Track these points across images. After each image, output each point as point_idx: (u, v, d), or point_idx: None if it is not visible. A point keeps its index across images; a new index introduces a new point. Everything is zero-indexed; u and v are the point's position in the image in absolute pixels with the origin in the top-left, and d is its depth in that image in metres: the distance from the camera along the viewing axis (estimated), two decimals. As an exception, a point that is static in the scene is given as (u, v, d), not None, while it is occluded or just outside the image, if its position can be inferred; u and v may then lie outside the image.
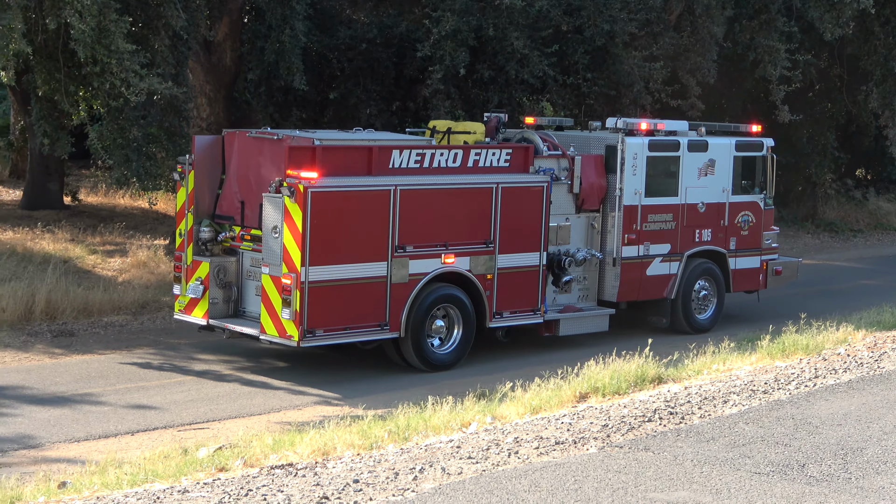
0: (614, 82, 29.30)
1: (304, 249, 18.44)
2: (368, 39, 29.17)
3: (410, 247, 19.60)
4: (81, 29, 20.45)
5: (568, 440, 13.60)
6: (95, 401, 18.30)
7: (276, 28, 25.69)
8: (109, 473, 13.53)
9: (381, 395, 18.33)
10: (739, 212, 24.11)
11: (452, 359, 20.43)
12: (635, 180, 22.46)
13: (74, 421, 17.44)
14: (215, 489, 11.86)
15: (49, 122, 24.63)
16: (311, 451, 13.67)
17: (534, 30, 27.48)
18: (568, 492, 11.66)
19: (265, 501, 11.28)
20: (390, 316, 19.51)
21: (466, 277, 20.36)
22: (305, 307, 18.53)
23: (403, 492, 11.61)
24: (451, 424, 14.95)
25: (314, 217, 18.43)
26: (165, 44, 23.55)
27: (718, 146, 23.75)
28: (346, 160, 19.29)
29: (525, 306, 21.18)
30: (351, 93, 29.34)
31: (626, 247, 22.54)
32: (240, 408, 18.11)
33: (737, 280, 24.36)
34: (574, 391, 16.50)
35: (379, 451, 13.71)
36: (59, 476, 13.86)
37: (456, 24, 26.76)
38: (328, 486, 11.82)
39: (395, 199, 19.37)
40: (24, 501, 12.09)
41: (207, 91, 28.00)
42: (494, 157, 20.72)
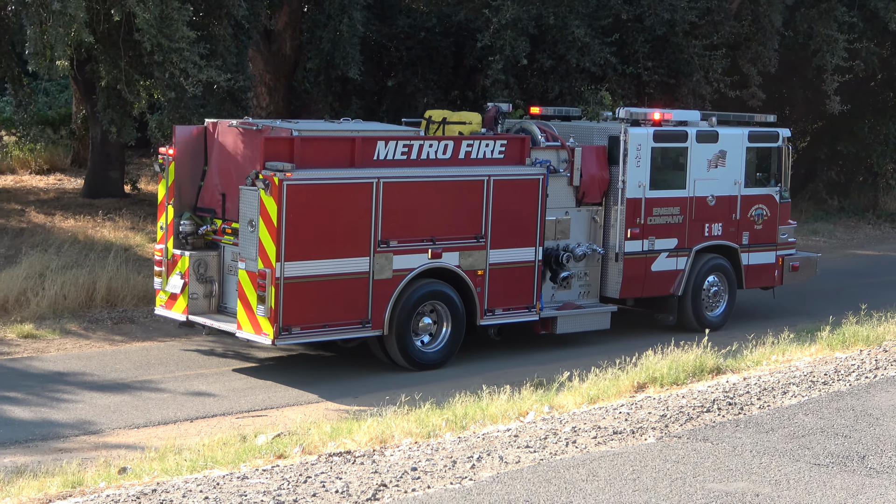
0: (674, 71, 29.13)
1: (279, 244, 17.89)
2: (427, 28, 29.16)
3: (395, 241, 18.98)
4: (145, 17, 20.56)
5: (626, 430, 13.55)
6: (155, 388, 18.44)
7: (335, 17, 25.74)
8: (169, 459, 13.63)
9: (439, 384, 18.30)
10: (753, 205, 23.26)
11: (440, 357, 19.77)
12: (639, 172, 21.67)
13: (134, 407, 17.59)
14: (274, 476, 11.91)
15: (115, 111, 24.81)
16: (369, 439, 13.69)
17: (594, 18, 27.37)
18: (626, 481, 11.63)
19: (324, 488, 11.31)
20: (373, 313, 18.87)
21: (455, 273, 19.72)
22: (281, 304, 17.94)
23: (461, 480, 11.61)
24: (508, 413, 14.91)
25: (290, 211, 17.89)
26: (226, 33, 23.63)
27: (730, 137, 22.90)
28: (327, 152, 18.67)
29: (519, 303, 20.48)
30: (409, 82, 29.35)
31: (630, 241, 21.75)
32: (297, 396, 18.19)
33: (750, 276, 23.52)
34: (632, 381, 16.40)
35: (436, 439, 13.71)
36: (120, 462, 13.99)
37: (516, 14, 26.68)
38: (386, 473, 11.84)
39: (378, 191, 18.71)
40: (85, 486, 12.18)
41: (267, 80, 28.12)
42: (488, 148, 20.01)
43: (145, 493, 11.43)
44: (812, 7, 32.96)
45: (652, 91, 29.21)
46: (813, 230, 36.62)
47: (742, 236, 23.15)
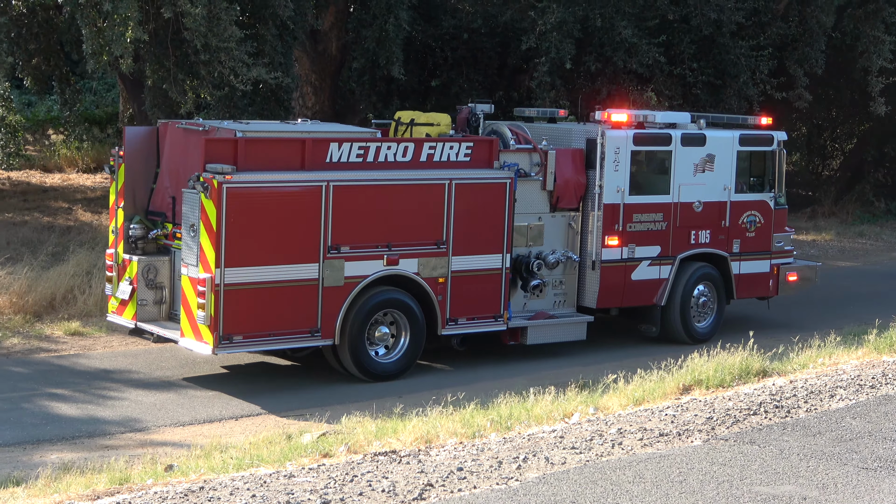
0: (720, 72, 28.95)
1: (218, 249, 17.10)
2: (472, 29, 29.15)
3: (346, 247, 18.15)
4: (194, 15, 20.65)
5: (672, 432, 13.51)
6: (200, 386, 18.51)
7: (381, 17, 25.77)
8: (215, 457, 13.69)
9: (483, 385, 18.27)
10: (744, 212, 22.12)
11: (397, 368, 18.97)
12: (617, 176, 20.58)
13: (179, 405, 17.67)
14: (321, 474, 11.94)
15: (162, 110, 24.92)
16: (414, 439, 13.69)
17: (640, 19, 27.27)
18: (672, 483, 11.60)
19: (370, 487, 11.33)
20: (322, 322, 18.10)
21: (414, 281, 18.89)
22: (221, 311, 17.18)
23: (507, 480, 11.61)
24: (553, 415, 14.89)
25: (231, 215, 17.11)
26: (272, 33, 23.70)
27: (718, 140, 21.77)
28: (275, 154, 17.88)
29: (485, 312, 19.58)
30: (453, 82, 29.36)
31: (607, 249, 20.73)
32: (343, 395, 18.21)
33: (741, 286, 22.42)
34: (677, 383, 16.34)
35: (481, 439, 13.70)
36: (166, 459, 14.05)
37: (562, 16, 26.62)
38: (432, 473, 11.85)
39: (328, 195, 17.86)
40: (133, 483, 12.24)
41: (313, 80, 28.18)
42: (452, 150, 19.08)
43: (193, 490, 11.48)
44: (859, 7, 32.73)
45: (698, 92, 28.97)
46: (859, 232, 36.42)
47: (732, 244, 22.08)
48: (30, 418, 17.07)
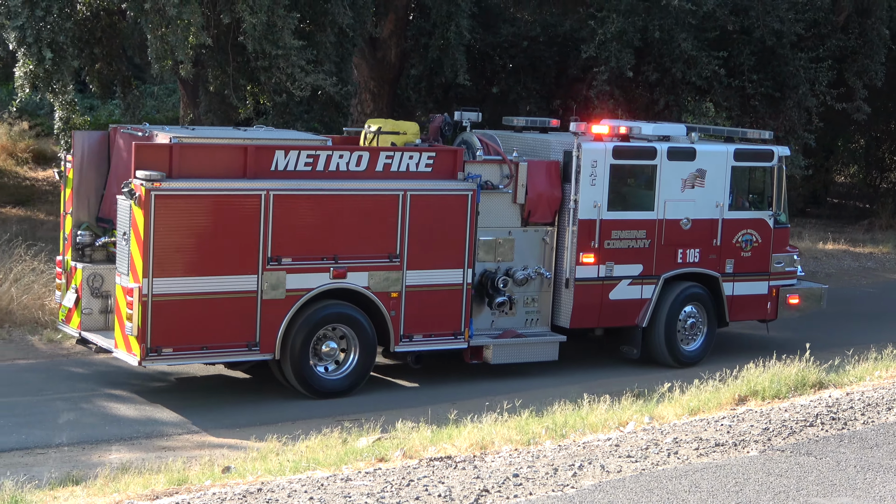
0: (779, 84, 28.74)
1: (146, 259, 16.46)
2: (531, 38, 29.19)
3: (288, 259, 17.39)
4: (252, 23, 20.78)
5: (728, 442, 13.45)
6: (257, 389, 18.59)
7: (441, 25, 25.81)
8: (271, 460, 13.75)
9: (537, 392, 18.27)
10: (739, 230, 20.81)
11: (344, 385, 18.17)
12: (594, 191, 19.44)
13: (235, 407, 17.77)
14: (377, 478, 11.97)
15: (217, 115, 25.07)
16: (469, 445, 13.70)
17: (700, 31, 27.15)
18: (729, 493, 11.55)
19: (426, 492, 11.34)
20: (261, 335, 17.37)
21: (364, 295, 18.05)
22: (149, 323, 16.54)
23: (563, 487, 11.60)
24: (608, 423, 14.86)
25: (160, 223, 16.45)
26: (331, 40, 23.80)
27: (710, 154, 20.46)
28: (215, 161, 17.14)
29: (444, 329, 18.64)
30: (511, 89, 29.39)
31: (582, 266, 19.60)
32: (397, 401, 18.28)
33: (735, 308, 21.10)
34: (733, 394, 16.26)
35: (536, 447, 13.69)
36: (223, 461, 14.14)
37: (621, 26, 26.55)
38: (488, 479, 11.85)
39: (268, 205, 17.12)
40: (191, 484, 12.32)
41: (371, 87, 28.27)
42: (412, 160, 18.21)
43: (251, 491, 11.54)
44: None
45: (756, 103, 28.78)
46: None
47: (725, 264, 20.79)
48: (88, 418, 17.22)
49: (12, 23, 20.31)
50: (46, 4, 20.19)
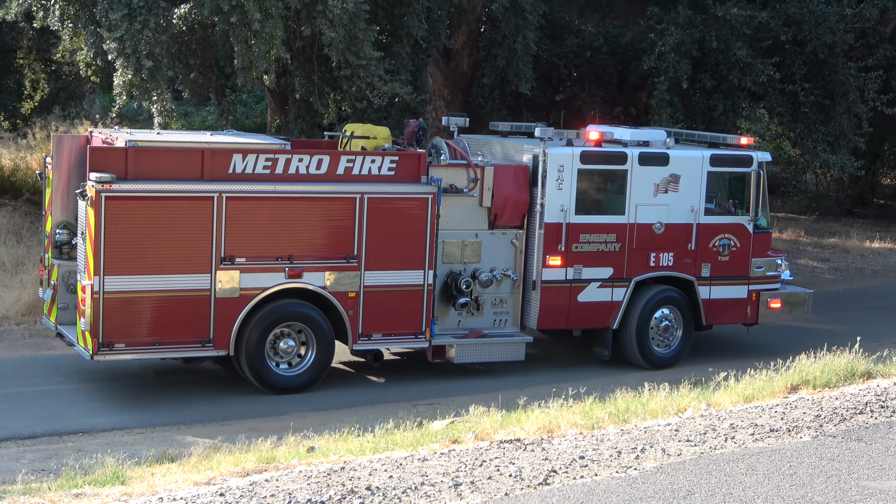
0: (829, 91, 28.33)
1: (97, 257, 16.15)
2: (594, 48, 29.00)
3: (242, 259, 16.90)
4: (331, 36, 20.81)
5: (781, 428, 13.30)
6: (339, 374, 18.63)
7: (510, 37, 25.72)
8: (352, 441, 13.77)
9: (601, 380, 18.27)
10: (716, 235, 19.79)
11: (301, 382, 17.62)
12: (561, 195, 18.67)
13: (317, 391, 17.82)
14: (452, 458, 11.95)
15: (305, 121, 25.14)
16: (537, 429, 13.63)
17: (754, 40, 26.85)
18: (783, 476, 11.41)
19: (498, 472, 11.30)
20: (215, 332, 16.92)
21: (321, 295, 17.52)
22: (101, 319, 16.22)
23: (626, 469, 11.52)
24: (667, 409, 14.75)
25: (111, 223, 16.15)
26: (407, 51, 23.79)
27: (684, 160, 19.51)
28: (171, 164, 16.69)
29: (404, 328, 18.01)
30: (576, 97, 29.24)
31: (549, 269, 18.79)
32: (471, 387, 18.29)
33: (712, 311, 20.07)
34: (785, 383, 16.04)
35: (600, 430, 13.61)
36: (307, 442, 14.15)
37: (680, 37, 26.33)
38: (556, 460, 11.80)
39: (220, 206, 16.66)
40: (279, 462, 12.35)
41: (445, 95, 28.24)
42: (374, 164, 17.64)
43: (334, 469, 11.56)
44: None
45: (807, 110, 28.37)
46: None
47: (701, 268, 19.76)
48: (182, 400, 17.36)
49: (112, 35, 20.46)
50: (144, 18, 20.31)
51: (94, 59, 22.90)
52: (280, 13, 20.31)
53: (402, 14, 23.54)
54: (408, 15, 23.42)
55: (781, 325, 21.80)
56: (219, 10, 20.23)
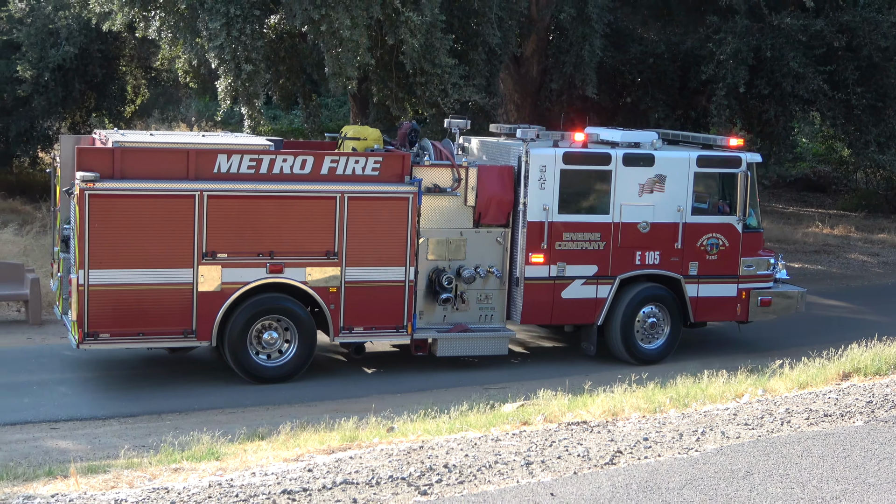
0: (881, 95, 27.85)
1: (83, 252, 16.04)
2: (657, 54, 28.78)
3: (223, 254, 16.60)
4: (412, 44, 20.82)
5: (835, 413, 13.10)
6: (414, 359, 18.61)
7: (577, 44, 25.62)
8: (429, 422, 13.74)
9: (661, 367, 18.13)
10: (703, 234, 18.91)
11: (283, 372, 17.24)
12: (544, 195, 18.07)
13: (395, 375, 17.85)
14: (523, 439, 11.89)
15: (383, 124, 25.19)
16: (602, 412, 13.55)
17: (808, 48, 26.50)
18: (837, 458, 11.24)
19: (567, 452, 11.24)
20: (198, 324, 16.63)
21: (302, 289, 17.10)
22: (86, 310, 16.11)
23: (688, 451, 11.40)
24: (725, 395, 14.58)
25: (95, 220, 16.02)
26: (481, 58, 23.75)
27: (670, 161, 18.68)
28: (157, 164, 16.45)
29: (386, 323, 17.50)
30: (640, 101, 29.01)
31: (532, 266, 18.17)
32: (539, 373, 18.21)
33: (700, 309, 19.15)
34: (837, 370, 15.81)
35: (662, 414, 13.49)
36: (387, 422, 14.16)
37: (737, 46, 26.07)
38: (621, 441, 11.71)
39: (202, 204, 16.40)
40: (361, 441, 12.36)
41: (515, 99, 28.15)
42: (358, 165, 17.16)
43: (413, 448, 11.55)
44: None
45: (859, 112, 27.91)
46: None
47: (688, 266, 18.88)
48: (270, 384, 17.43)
49: (212, 43, 20.60)
50: (241, 26, 20.46)
51: (191, 67, 23.08)
52: (365, 22, 20.34)
53: (477, 24, 23.50)
54: (481, 25, 23.39)
55: (830, 316, 21.50)
56: (310, 20, 20.30)
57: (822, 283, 26.71)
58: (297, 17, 20.40)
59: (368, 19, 20.51)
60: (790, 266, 27.31)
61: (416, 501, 9.80)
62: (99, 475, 11.17)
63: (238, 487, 10.18)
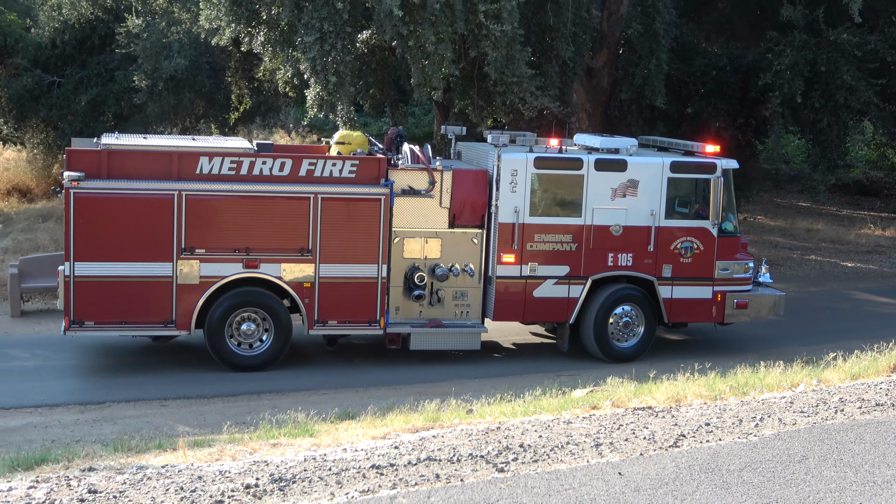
0: (930, 105, 27.28)
1: (68, 246, 16.08)
2: (719, 67, 28.43)
3: (201, 250, 16.43)
4: (494, 56, 20.78)
5: (886, 403, 12.82)
6: (494, 347, 18.58)
7: (645, 58, 25.40)
8: (505, 405, 13.71)
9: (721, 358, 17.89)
10: (678, 238, 18.07)
11: (259, 361, 17.03)
12: (515, 197, 17.44)
13: (474, 363, 17.81)
14: (592, 422, 11.80)
15: (465, 130, 25.17)
16: (666, 398, 13.40)
17: (861, 62, 26.01)
18: (889, 445, 11.00)
19: (634, 435, 11.13)
20: (177, 314, 16.46)
21: (278, 284, 16.86)
22: (72, 299, 16.09)
23: (747, 436, 11.24)
24: (782, 384, 14.35)
25: (80, 217, 15.97)
26: (556, 70, 23.62)
27: (643, 166, 17.88)
28: (144, 165, 16.34)
29: (359, 317, 17.13)
30: (703, 110, 28.68)
31: (503, 265, 17.55)
32: (604, 362, 18.04)
33: (675, 310, 18.29)
34: (888, 363, 15.46)
35: (722, 401, 13.31)
36: (466, 405, 14.14)
37: (794, 59, 25.68)
38: (684, 426, 11.56)
39: (180, 203, 16.24)
40: (443, 422, 12.35)
41: (587, 108, 27.95)
42: (335, 167, 16.86)
43: (491, 429, 11.51)
44: None
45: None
46: None
47: (662, 268, 18.05)
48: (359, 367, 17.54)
49: (306, 56, 20.75)
50: (332, 42, 20.56)
51: (290, 78, 23.25)
52: (450, 37, 20.35)
53: (552, 38, 23.40)
54: (556, 39, 23.28)
55: (882, 312, 21.10)
56: (399, 36, 20.36)
57: (874, 282, 26.27)
58: (386, 32, 20.45)
59: (453, 34, 20.50)
60: (843, 265, 26.96)
61: (494, 478, 9.76)
62: (204, 448, 11.28)
63: (331, 462, 10.21)
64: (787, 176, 41.51)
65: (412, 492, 9.37)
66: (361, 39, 23.22)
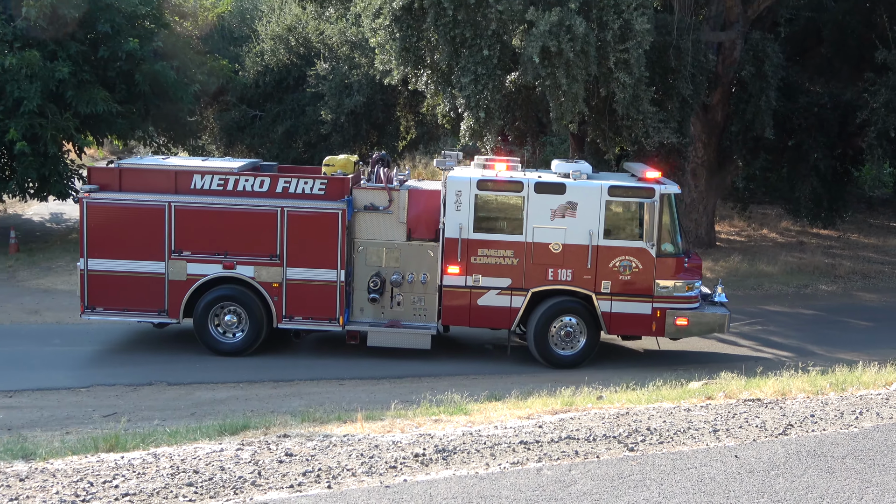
0: None
1: (83, 244, 16.79)
2: (820, 104, 27.56)
3: (188, 252, 16.68)
4: (622, 96, 20.54)
5: (974, 402, 12.17)
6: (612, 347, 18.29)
7: (755, 95, 24.77)
8: (630, 393, 13.46)
9: (820, 357, 17.20)
10: (616, 256, 16.67)
11: (236, 348, 16.99)
12: (459, 215, 16.63)
13: (602, 356, 17.51)
14: (709, 410, 11.48)
15: (594, 158, 24.92)
16: (773, 392, 12.95)
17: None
18: (978, 440, 10.43)
19: (746, 423, 10.78)
20: (169, 305, 16.79)
21: (250, 283, 16.81)
22: (86, 289, 16.71)
23: (848, 427, 10.76)
24: (877, 382, 13.70)
25: (90, 221, 16.67)
26: (676, 106, 23.22)
27: (581, 189, 16.63)
28: (150, 180, 16.77)
29: (321, 314, 16.84)
30: (804, 142, 27.81)
31: (448, 276, 16.75)
32: (717, 358, 17.64)
33: (614, 323, 16.89)
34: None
35: (824, 396, 12.79)
36: (596, 392, 13.94)
37: (888, 96, 24.68)
38: (791, 416, 11.15)
39: (171, 213, 16.58)
40: (577, 406, 12.18)
41: (703, 139, 27.38)
42: (307, 185, 16.73)
43: (620, 413, 11.30)
44: None
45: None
46: None
47: (601, 284, 16.75)
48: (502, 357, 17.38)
49: (462, 94, 20.91)
50: (484, 82, 20.63)
51: (447, 112, 23.39)
52: (583, 78, 20.18)
53: (673, 79, 23.03)
54: (677, 80, 22.92)
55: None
56: (538, 77, 20.29)
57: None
58: (529, 74, 20.41)
59: (587, 76, 20.32)
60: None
61: (626, 456, 9.56)
62: (377, 422, 11.34)
63: (485, 437, 10.15)
64: (879, 199, 39.94)
65: (555, 465, 9.24)
66: (510, 80, 23.17)
